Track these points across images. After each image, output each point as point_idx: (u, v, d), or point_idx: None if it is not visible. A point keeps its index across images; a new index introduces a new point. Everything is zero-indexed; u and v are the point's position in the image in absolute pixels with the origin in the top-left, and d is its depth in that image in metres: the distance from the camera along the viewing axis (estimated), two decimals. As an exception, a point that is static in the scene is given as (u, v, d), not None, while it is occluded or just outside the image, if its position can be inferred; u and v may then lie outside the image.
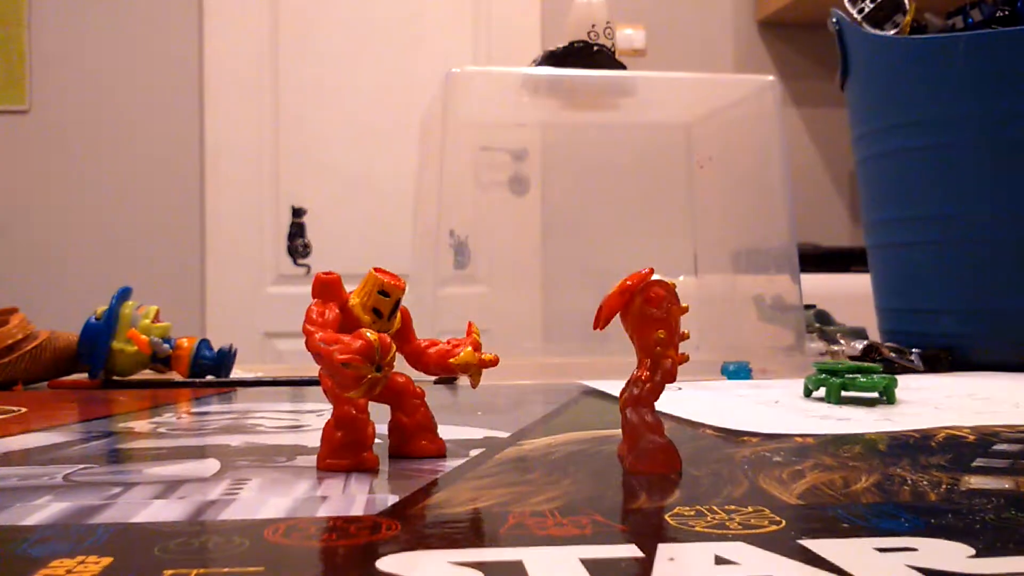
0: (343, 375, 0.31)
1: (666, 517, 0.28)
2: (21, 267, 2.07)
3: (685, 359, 0.35)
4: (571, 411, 0.55)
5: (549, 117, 1.06)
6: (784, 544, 0.25)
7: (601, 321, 0.35)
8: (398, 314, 0.38)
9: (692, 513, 0.28)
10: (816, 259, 1.84)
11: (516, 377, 0.71)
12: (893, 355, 0.76)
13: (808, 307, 0.91)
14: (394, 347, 0.32)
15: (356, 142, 2.16)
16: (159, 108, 2.13)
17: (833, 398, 0.55)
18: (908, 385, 0.62)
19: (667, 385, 0.35)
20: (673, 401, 0.53)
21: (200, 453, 0.41)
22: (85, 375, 0.72)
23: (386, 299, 0.37)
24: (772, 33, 2.36)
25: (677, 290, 0.36)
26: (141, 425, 0.50)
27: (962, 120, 0.76)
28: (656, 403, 0.36)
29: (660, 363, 0.35)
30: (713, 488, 0.32)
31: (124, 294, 0.73)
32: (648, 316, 0.35)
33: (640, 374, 0.35)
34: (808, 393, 0.58)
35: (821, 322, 0.92)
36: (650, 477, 0.34)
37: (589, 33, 0.91)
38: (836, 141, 2.34)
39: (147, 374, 0.74)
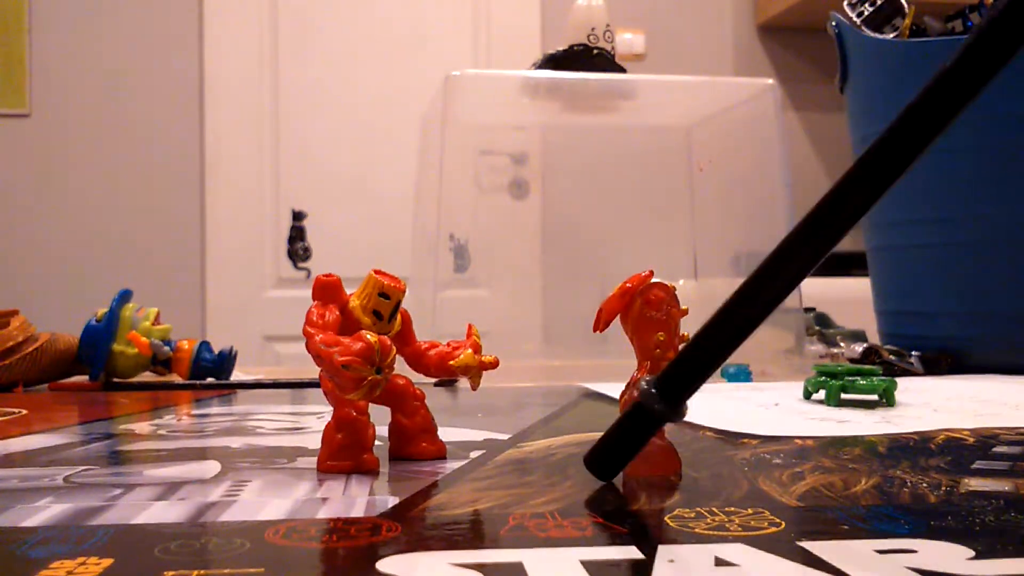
0: (343, 377, 0.32)
1: (666, 519, 0.28)
2: (22, 270, 2.07)
3: None
4: (571, 413, 0.55)
5: (549, 120, 1.06)
6: (784, 546, 0.25)
7: (601, 323, 0.35)
8: (398, 316, 0.38)
9: (692, 515, 0.28)
10: (816, 262, 1.84)
11: (516, 379, 0.71)
12: (893, 357, 0.76)
13: (808, 310, 0.92)
14: (394, 349, 0.32)
15: (356, 145, 2.16)
16: (159, 111, 2.13)
17: (833, 400, 0.55)
18: (907, 387, 0.62)
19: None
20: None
21: (201, 455, 0.41)
22: (85, 377, 0.72)
23: (386, 301, 0.37)
24: (771, 37, 2.37)
25: (677, 293, 0.36)
26: (141, 427, 0.50)
27: (961, 123, 0.76)
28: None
29: (659, 365, 0.35)
30: (713, 490, 0.32)
31: (124, 296, 0.73)
32: (648, 318, 0.35)
33: (640, 376, 0.35)
34: (808, 395, 0.58)
35: (821, 325, 0.92)
36: (650, 479, 0.34)
37: (589, 36, 0.91)
38: (836, 145, 2.34)
39: (147, 376, 0.74)
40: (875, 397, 0.55)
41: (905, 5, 0.80)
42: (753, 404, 0.56)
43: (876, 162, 0.27)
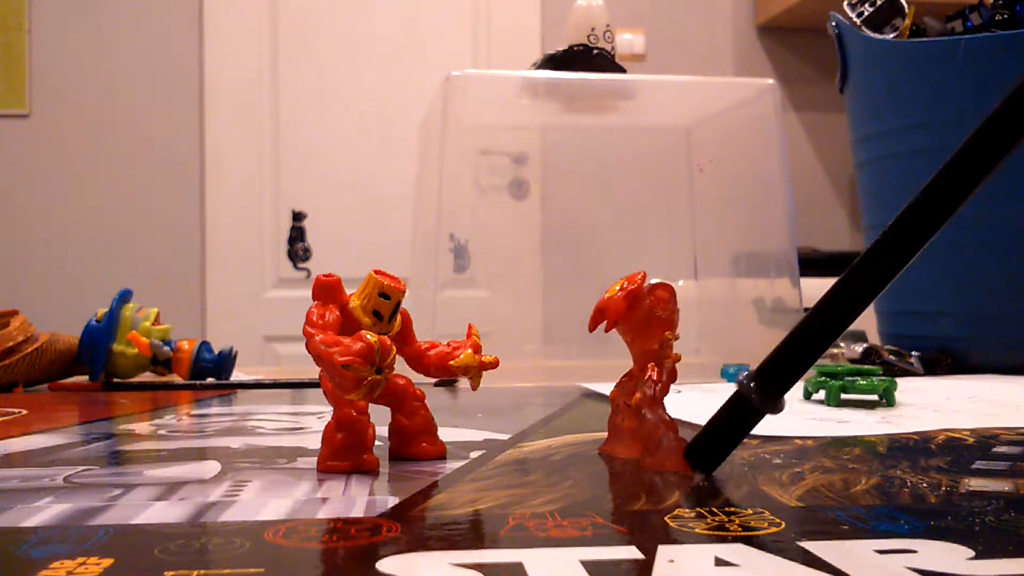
0: (343, 377, 0.32)
1: (666, 519, 0.28)
2: (22, 270, 2.07)
3: (678, 358, 0.37)
4: (571, 413, 0.55)
5: (549, 121, 1.06)
6: (784, 546, 0.25)
7: (610, 324, 0.36)
8: (398, 316, 0.38)
9: (692, 515, 0.28)
10: (816, 263, 1.85)
11: (516, 379, 0.71)
12: (893, 358, 0.76)
13: (808, 310, 0.91)
14: (394, 349, 0.32)
15: (356, 145, 2.16)
16: (159, 112, 2.13)
17: (833, 400, 0.55)
18: (908, 387, 0.62)
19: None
20: (673, 403, 0.53)
21: (200, 455, 0.41)
22: (85, 377, 0.72)
23: (386, 301, 0.37)
24: (771, 38, 2.36)
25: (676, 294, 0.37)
26: (142, 427, 0.50)
27: (961, 123, 0.76)
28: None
29: (663, 364, 0.36)
30: (713, 490, 0.32)
31: (125, 296, 0.73)
32: (656, 318, 0.36)
33: (651, 374, 0.36)
34: (808, 395, 0.58)
35: (821, 325, 0.92)
36: (650, 478, 0.34)
37: (589, 36, 0.91)
38: (836, 145, 2.34)
39: (148, 376, 0.74)
40: (875, 397, 0.55)
41: (905, 5, 0.80)
42: (753, 404, 0.56)
43: (975, 152, 0.29)
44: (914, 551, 0.24)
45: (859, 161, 0.88)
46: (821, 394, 0.57)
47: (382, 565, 0.23)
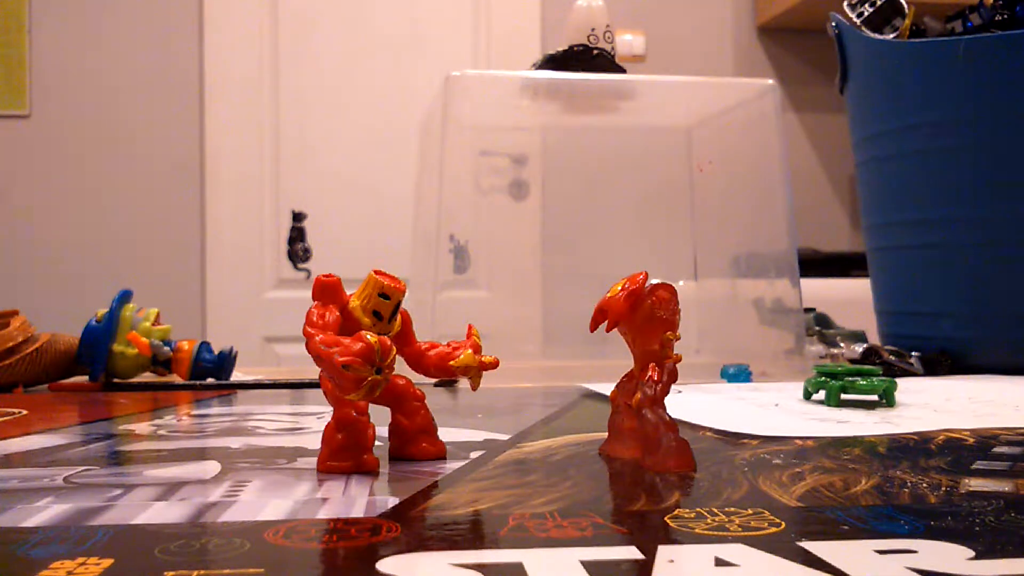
0: (343, 377, 0.32)
1: (666, 519, 0.28)
2: (22, 270, 2.07)
3: (679, 359, 0.36)
4: (571, 414, 0.55)
5: (549, 121, 1.06)
6: (784, 546, 0.25)
7: (610, 325, 0.36)
8: (398, 316, 0.38)
9: (692, 515, 0.28)
10: (816, 264, 1.85)
11: (516, 380, 0.71)
12: (893, 358, 0.76)
13: (808, 310, 0.92)
14: (394, 349, 0.32)
15: (356, 146, 2.16)
16: (160, 112, 2.13)
17: (833, 401, 0.55)
18: (908, 388, 0.62)
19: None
20: (673, 403, 0.53)
21: (200, 455, 0.41)
22: (85, 377, 0.72)
23: (386, 301, 0.37)
24: (772, 38, 2.36)
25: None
26: (141, 427, 0.50)
27: (961, 124, 0.76)
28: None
29: (664, 364, 0.36)
30: (713, 490, 0.32)
31: (125, 297, 0.73)
32: (657, 318, 0.36)
33: (651, 375, 0.36)
34: (808, 396, 0.58)
35: (821, 325, 0.92)
36: (650, 478, 0.34)
37: (589, 37, 0.91)
38: (836, 146, 2.34)
39: (148, 377, 0.74)
40: (875, 397, 0.55)
41: (905, 5, 0.80)
42: (753, 404, 0.56)
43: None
44: (914, 551, 0.24)
45: (859, 161, 0.88)
46: (821, 394, 0.57)
47: (382, 565, 0.23)
